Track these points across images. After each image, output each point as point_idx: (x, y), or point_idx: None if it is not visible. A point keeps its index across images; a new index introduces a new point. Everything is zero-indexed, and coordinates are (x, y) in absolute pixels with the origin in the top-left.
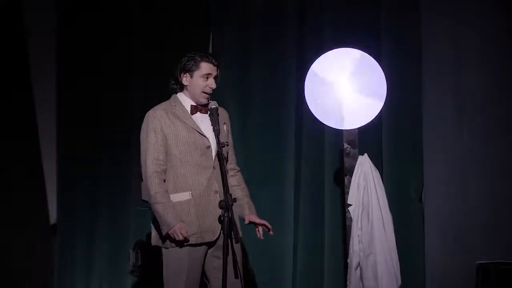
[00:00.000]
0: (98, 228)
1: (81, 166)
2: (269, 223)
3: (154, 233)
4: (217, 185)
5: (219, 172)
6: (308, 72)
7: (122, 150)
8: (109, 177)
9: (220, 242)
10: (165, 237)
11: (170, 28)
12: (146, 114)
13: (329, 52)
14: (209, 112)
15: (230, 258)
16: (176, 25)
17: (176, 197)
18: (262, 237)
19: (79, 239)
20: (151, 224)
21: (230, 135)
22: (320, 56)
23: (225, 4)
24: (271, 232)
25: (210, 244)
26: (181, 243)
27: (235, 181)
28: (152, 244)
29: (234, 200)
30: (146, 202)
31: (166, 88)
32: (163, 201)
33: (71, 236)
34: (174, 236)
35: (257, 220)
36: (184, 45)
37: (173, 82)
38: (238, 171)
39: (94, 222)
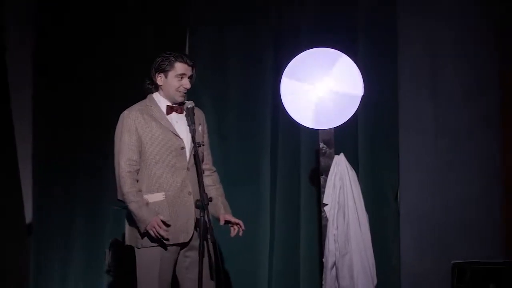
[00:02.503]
0: (74, 228)
1: (57, 166)
2: (245, 222)
3: (127, 233)
4: (191, 186)
5: (194, 173)
6: (284, 71)
7: (98, 151)
8: (85, 177)
9: (193, 242)
10: (141, 236)
11: (146, 28)
12: (121, 115)
13: (305, 52)
14: (185, 112)
15: (205, 259)
16: (152, 26)
17: (150, 198)
18: (238, 235)
19: (55, 239)
20: (125, 224)
21: (206, 135)
22: (296, 56)
23: (201, 5)
24: (240, 234)
25: (182, 245)
26: (161, 239)
27: (211, 181)
28: (126, 243)
29: (210, 199)
30: (122, 201)
31: (142, 88)
32: (136, 199)
33: (47, 236)
34: (152, 231)
35: (233, 219)
36: (160, 46)
37: (148, 82)
38: (214, 172)
39: (70, 222)
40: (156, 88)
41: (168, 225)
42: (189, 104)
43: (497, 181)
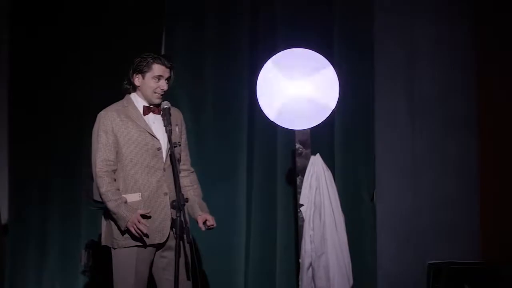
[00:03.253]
0: (50, 228)
1: (33, 166)
2: (221, 222)
3: (104, 233)
4: (167, 187)
5: (170, 174)
6: (261, 72)
7: (74, 151)
8: (61, 177)
9: (169, 242)
10: (116, 236)
11: (124, 28)
12: (98, 115)
13: (281, 52)
14: (161, 112)
15: (182, 259)
16: (129, 26)
17: (127, 198)
18: (208, 228)
19: (31, 239)
20: (102, 225)
21: (184, 135)
22: (273, 56)
23: (178, 4)
24: (202, 228)
25: (158, 246)
26: (141, 236)
27: (188, 181)
28: (102, 244)
29: (186, 200)
30: (98, 202)
31: (119, 89)
32: (115, 198)
33: (22, 236)
34: (133, 228)
35: (209, 217)
36: (137, 46)
37: (126, 82)
38: (192, 172)
39: (46, 222)
40: (134, 88)
41: (148, 217)
42: (165, 104)
43: (473, 182)
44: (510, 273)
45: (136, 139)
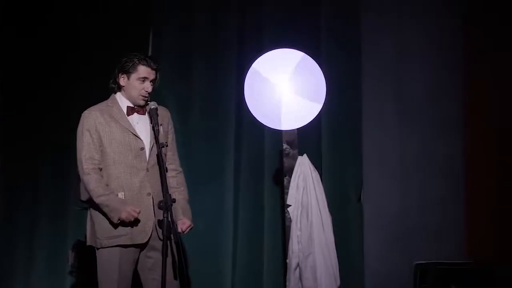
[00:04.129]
0: (37, 229)
1: (20, 167)
2: (208, 223)
3: (88, 233)
4: (150, 188)
5: (154, 174)
6: (248, 72)
7: (61, 151)
8: (48, 178)
9: (153, 242)
10: (99, 236)
11: (110, 28)
12: (82, 114)
13: (269, 52)
14: (147, 113)
15: (169, 259)
16: (116, 26)
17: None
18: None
19: (18, 240)
20: (87, 225)
21: (171, 135)
22: (260, 57)
23: (165, 5)
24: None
25: (142, 246)
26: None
27: (175, 182)
28: (87, 244)
29: (173, 200)
30: (84, 202)
31: (107, 89)
32: (105, 192)
33: (10, 237)
34: (129, 219)
35: (187, 223)
36: (123, 46)
37: (111, 81)
38: (179, 172)
39: (33, 223)
40: (119, 88)
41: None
42: (153, 105)
43: (460, 183)
44: (497, 273)
45: (119, 139)
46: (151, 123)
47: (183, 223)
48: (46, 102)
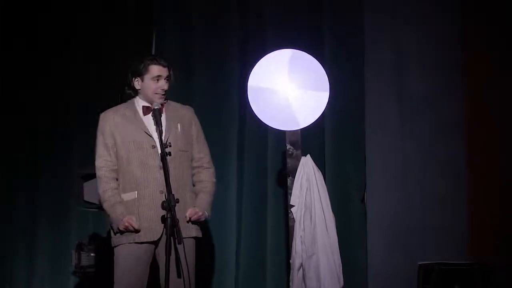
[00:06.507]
0: (40, 229)
1: (21, 168)
2: (212, 224)
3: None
4: (164, 185)
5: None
6: (251, 72)
7: (62, 151)
8: (50, 178)
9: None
10: (115, 236)
11: (112, 29)
12: (100, 116)
13: (271, 53)
14: (151, 113)
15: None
16: (119, 26)
17: (124, 197)
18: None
19: (20, 240)
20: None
21: (196, 134)
22: (263, 57)
23: (167, 5)
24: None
25: (155, 242)
26: (133, 231)
27: (198, 177)
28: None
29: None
30: (88, 202)
31: (112, 89)
32: (109, 199)
33: (12, 237)
34: (129, 228)
35: (192, 212)
36: (126, 47)
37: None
38: (205, 169)
39: (35, 223)
40: (135, 92)
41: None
42: (156, 105)
43: (462, 183)
44: (501, 274)
45: (132, 138)
46: (155, 124)
47: (191, 210)
48: (47, 102)
